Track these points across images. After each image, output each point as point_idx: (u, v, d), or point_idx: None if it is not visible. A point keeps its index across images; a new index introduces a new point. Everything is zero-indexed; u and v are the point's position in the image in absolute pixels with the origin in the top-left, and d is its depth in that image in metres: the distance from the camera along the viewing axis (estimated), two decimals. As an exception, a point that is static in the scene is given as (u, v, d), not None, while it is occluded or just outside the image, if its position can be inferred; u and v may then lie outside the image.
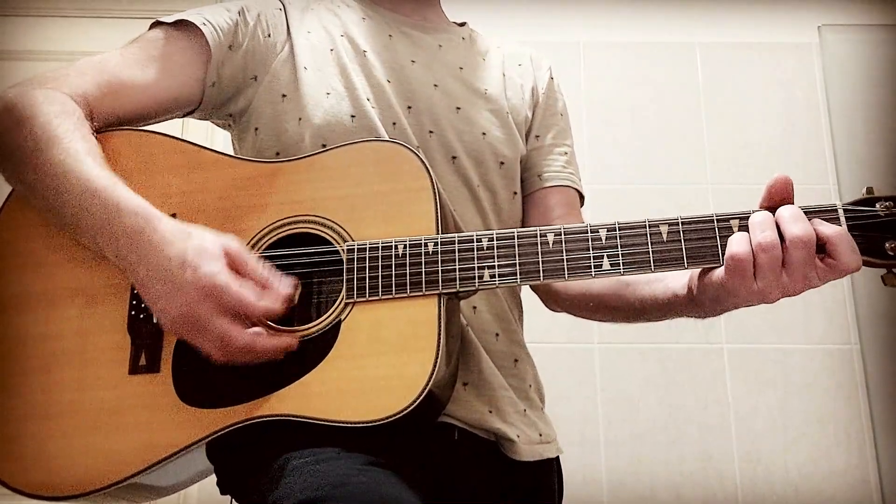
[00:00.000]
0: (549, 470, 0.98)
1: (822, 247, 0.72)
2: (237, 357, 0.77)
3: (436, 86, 1.02)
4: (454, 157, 0.99)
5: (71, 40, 2.49)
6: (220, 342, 0.75)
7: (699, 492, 2.11)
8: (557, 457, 1.00)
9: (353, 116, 0.95)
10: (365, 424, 0.74)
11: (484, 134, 1.02)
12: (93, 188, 0.80)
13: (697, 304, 0.82)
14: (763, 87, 2.45)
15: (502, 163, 1.03)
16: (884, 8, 2.47)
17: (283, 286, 0.79)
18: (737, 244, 0.72)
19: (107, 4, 2.53)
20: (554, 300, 1.08)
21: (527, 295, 1.08)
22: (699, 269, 0.80)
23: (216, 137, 2.21)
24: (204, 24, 0.95)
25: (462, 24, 1.17)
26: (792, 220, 0.72)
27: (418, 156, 0.84)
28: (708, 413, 2.17)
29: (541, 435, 0.96)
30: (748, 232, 0.73)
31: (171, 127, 0.98)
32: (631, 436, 2.15)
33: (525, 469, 0.93)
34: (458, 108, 1.02)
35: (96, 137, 0.86)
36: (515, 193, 1.06)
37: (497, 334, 0.97)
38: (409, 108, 0.99)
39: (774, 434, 2.15)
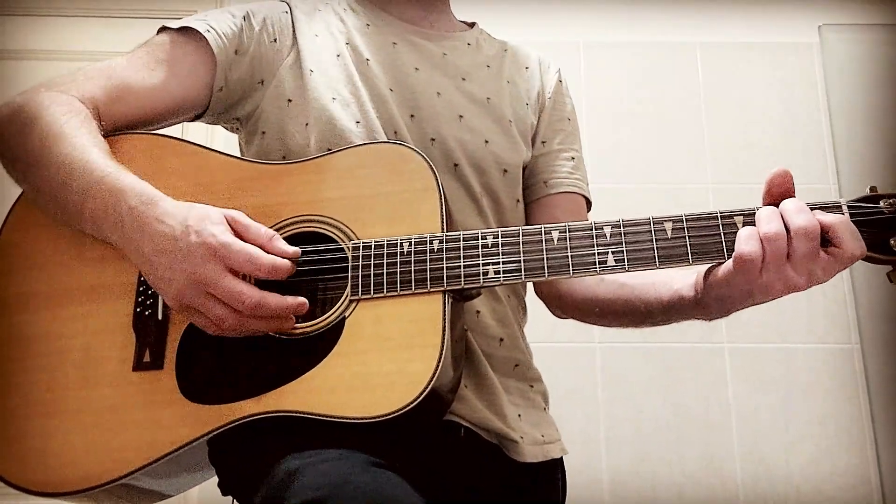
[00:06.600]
0: (554, 470, 0.98)
1: (825, 239, 0.72)
2: (249, 320, 0.76)
3: (439, 94, 1.01)
4: (456, 165, 0.98)
5: (72, 40, 2.49)
6: (231, 300, 0.75)
7: (701, 491, 2.11)
8: (561, 457, 0.99)
9: (357, 122, 0.95)
10: (369, 420, 0.73)
11: (487, 142, 1.01)
12: (98, 176, 0.80)
13: (703, 305, 0.82)
14: (763, 87, 2.46)
15: (506, 170, 1.02)
16: (884, 8, 2.48)
17: (287, 247, 0.79)
18: (745, 239, 0.72)
19: (108, 4, 2.53)
20: (560, 306, 1.07)
21: (529, 295, 1.08)
22: (704, 272, 0.80)
23: (216, 138, 2.21)
24: (208, 30, 0.95)
25: (472, 25, 1.16)
26: (796, 211, 0.72)
27: (423, 157, 0.84)
28: (709, 413, 2.17)
29: (543, 436, 0.96)
30: (755, 226, 0.73)
31: (171, 127, 0.99)
32: (633, 435, 2.15)
33: (529, 470, 0.92)
34: (461, 117, 1.01)
35: (105, 139, 0.87)
36: (518, 201, 1.05)
37: (501, 339, 0.96)
38: (412, 116, 0.99)
39: (776, 434, 2.15)
